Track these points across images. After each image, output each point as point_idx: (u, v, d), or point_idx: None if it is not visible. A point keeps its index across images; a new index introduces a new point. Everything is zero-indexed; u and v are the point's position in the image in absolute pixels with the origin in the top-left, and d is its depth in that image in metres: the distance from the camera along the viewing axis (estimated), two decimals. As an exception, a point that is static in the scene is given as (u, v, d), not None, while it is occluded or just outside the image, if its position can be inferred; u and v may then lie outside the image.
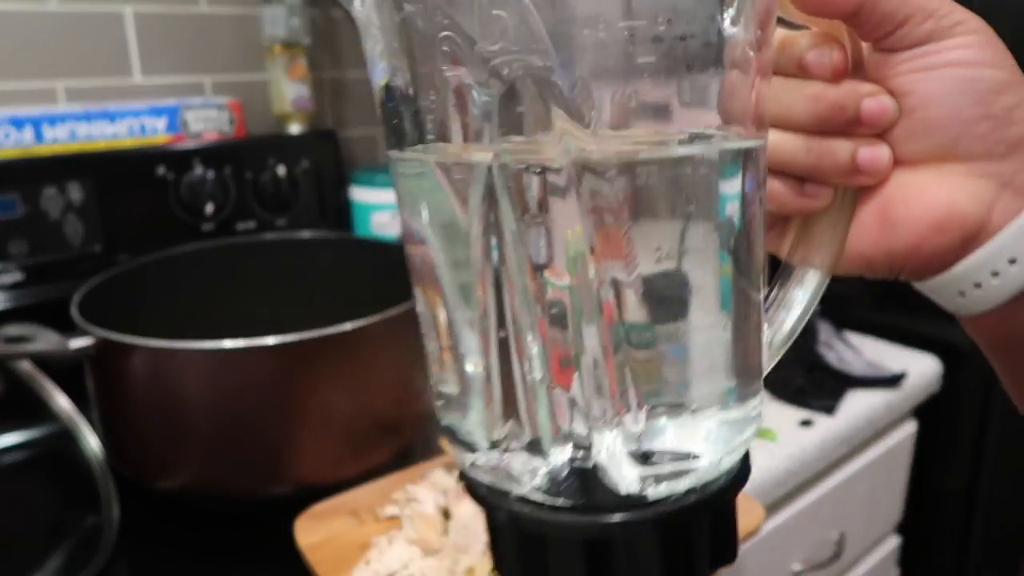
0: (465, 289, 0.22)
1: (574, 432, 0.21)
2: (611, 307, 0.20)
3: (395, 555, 0.53)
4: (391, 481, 0.64)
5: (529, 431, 0.22)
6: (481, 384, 0.22)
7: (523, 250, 0.20)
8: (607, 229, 0.20)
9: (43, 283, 0.80)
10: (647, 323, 0.21)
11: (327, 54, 1.07)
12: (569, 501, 0.21)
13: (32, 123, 0.81)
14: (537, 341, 0.21)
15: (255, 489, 0.62)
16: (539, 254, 0.20)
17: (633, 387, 0.21)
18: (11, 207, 0.77)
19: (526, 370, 0.21)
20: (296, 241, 0.86)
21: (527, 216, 0.20)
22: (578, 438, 0.21)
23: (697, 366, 0.22)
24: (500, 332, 0.22)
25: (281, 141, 0.96)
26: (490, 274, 0.21)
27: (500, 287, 0.21)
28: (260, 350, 0.57)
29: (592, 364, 0.21)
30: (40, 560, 0.59)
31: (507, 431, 0.22)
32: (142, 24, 0.91)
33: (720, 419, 0.23)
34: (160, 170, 0.86)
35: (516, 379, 0.21)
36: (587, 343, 0.21)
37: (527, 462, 0.22)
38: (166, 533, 0.63)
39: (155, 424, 0.60)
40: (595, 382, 0.21)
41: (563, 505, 0.22)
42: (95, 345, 0.59)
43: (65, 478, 0.69)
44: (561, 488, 0.21)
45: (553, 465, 0.22)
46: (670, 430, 0.22)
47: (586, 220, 0.20)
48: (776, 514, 0.76)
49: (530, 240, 0.20)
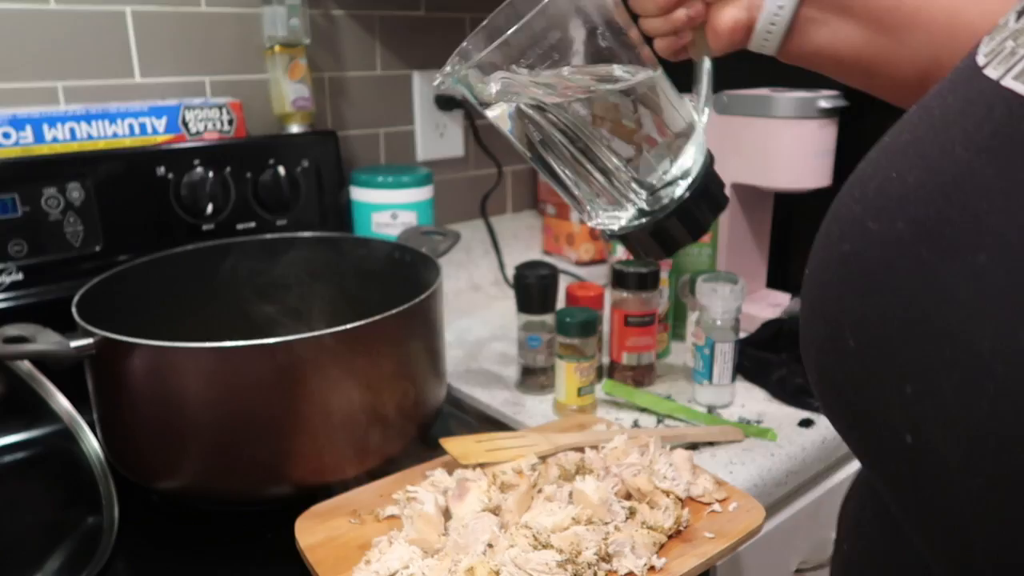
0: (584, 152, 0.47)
1: (644, 184, 0.48)
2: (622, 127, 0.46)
3: (395, 555, 0.53)
4: (391, 481, 0.64)
5: (634, 193, 0.48)
6: (610, 184, 0.48)
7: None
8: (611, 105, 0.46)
9: (43, 283, 0.80)
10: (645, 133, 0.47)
11: (327, 54, 1.07)
12: (655, 214, 0.49)
13: (32, 123, 0.81)
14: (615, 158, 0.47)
15: (255, 489, 0.62)
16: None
17: (655, 162, 0.47)
18: (11, 207, 0.77)
19: (615, 167, 0.47)
20: (296, 241, 0.86)
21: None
22: (648, 187, 0.48)
23: (672, 135, 0.48)
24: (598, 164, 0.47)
25: (281, 141, 0.96)
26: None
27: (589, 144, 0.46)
28: (260, 350, 0.57)
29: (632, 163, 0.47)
30: (40, 560, 0.59)
31: (627, 196, 0.48)
32: (142, 24, 0.91)
33: (689, 151, 0.49)
34: (160, 170, 0.86)
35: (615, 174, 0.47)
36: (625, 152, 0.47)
37: (637, 205, 0.49)
38: (166, 533, 0.63)
39: (155, 424, 0.60)
40: (637, 169, 0.47)
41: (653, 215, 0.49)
42: (95, 345, 0.59)
43: (65, 478, 0.69)
44: (650, 209, 0.49)
45: (641, 205, 0.49)
46: (673, 168, 0.48)
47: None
48: (776, 514, 0.76)
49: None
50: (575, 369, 0.78)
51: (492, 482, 0.60)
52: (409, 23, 1.14)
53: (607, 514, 0.56)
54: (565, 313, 0.79)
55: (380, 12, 1.10)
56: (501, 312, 1.11)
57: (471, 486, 0.59)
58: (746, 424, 0.78)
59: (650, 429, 0.77)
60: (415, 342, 0.67)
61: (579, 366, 0.78)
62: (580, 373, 0.78)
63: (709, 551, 0.56)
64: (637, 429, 0.77)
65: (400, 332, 0.64)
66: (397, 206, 1.00)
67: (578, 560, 0.52)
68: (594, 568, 0.52)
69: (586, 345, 0.78)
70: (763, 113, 0.94)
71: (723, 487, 0.63)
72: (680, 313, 0.98)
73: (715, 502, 0.62)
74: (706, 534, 0.58)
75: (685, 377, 0.90)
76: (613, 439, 0.67)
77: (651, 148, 0.47)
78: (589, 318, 0.78)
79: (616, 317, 0.85)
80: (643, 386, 0.86)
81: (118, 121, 0.86)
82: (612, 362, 0.87)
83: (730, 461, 0.72)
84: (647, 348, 0.86)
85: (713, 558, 0.56)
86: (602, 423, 0.76)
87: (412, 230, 0.88)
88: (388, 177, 1.00)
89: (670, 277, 0.94)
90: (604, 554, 0.53)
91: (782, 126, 0.93)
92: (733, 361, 0.81)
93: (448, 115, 1.19)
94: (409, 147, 1.18)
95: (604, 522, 0.56)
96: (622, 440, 0.67)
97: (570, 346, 0.78)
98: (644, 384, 0.87)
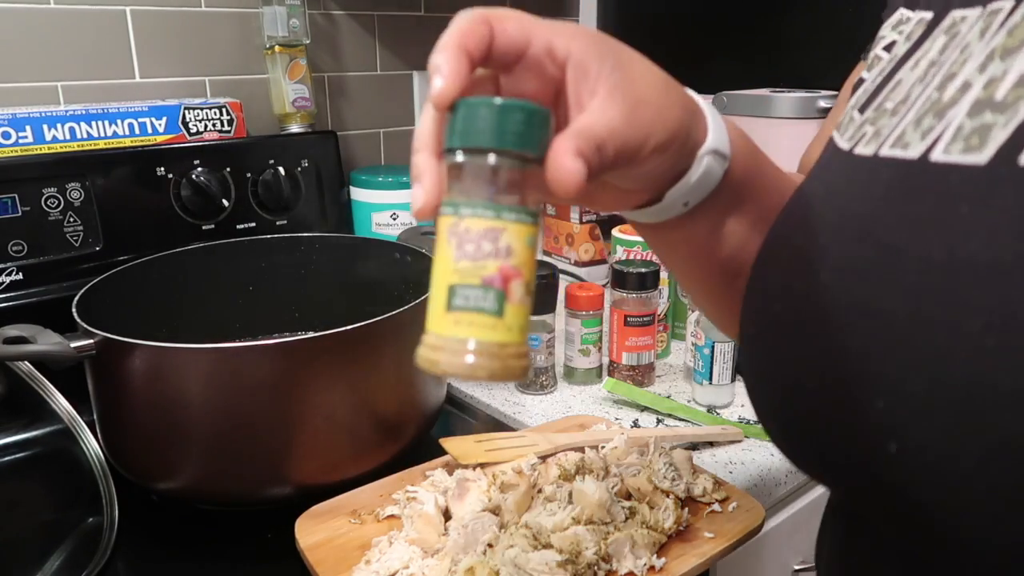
0: None
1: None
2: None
3: (395, 555, 0.53)
4: (391, 481, 0.64)
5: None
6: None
7: None
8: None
9: (43, 283, 0.80)
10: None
11: (327, 54, 1.07)
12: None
13: (32, 123, 0.81)
14: None
15: (255, 489, 0.62)
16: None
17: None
18: (11, 207, 0.77)
19: None
20: (296, 241, 0.86)
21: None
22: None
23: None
24: None
25: (281, 141, 0.96)
26: None
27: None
28: (260, 350, 0.57)
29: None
30: (40, 560, 0.59)
31: None
32: (142, 24, 0.91)
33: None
34: (160, 170, 0.86)
35: None
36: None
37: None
38: (166, 533, 0.63)
39: (155, 425, 0.60)
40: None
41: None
42: (95, 345, 0.59)
43: (65, 478, 0.69)
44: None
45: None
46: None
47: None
48: (776, 514, 0.76)
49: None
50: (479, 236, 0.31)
51: (492, 482, 0.60)
52: (409, 23, 1.14)
53: (607, 514, 0.56)
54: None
55: (380, 12, 1.10)
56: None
57: (471, 486, 0.59)
58: (746, 424, 0.78)
59: (650, 429, 0.77)
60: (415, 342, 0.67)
61: (490, 227, 0.30)
62: (490, 247, 0.31)
63: (709, 551, 0.56)
64: (637, 429, 0.77)
65: (400, 332, 0.64)
66: (397, 206, 1.00)
67: (578, 560, 0.52)
68: (594, 568, 0.52)
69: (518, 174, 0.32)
70: (763, 113, 0.94)
71: (723, 487, 0.63)
72: (680, 313, 0.98)
73: (715, 502, 0.62)
74: (706, 534, 0.58)
75: (685, 377, 0.90)
76: (613, 439, 0.67)
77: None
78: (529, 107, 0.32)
79: (616, 317, 0.85)
80: (643, 386, 0.86)
81: (118, 121, 0.86)
82: (612, 362, 0.87)
83: (730, 461, 0.72)
84: (647, 348, 0.86)
85: (713, 558, 0.57)
86: (602, 423, 0.76)
87: (412, 230, 0.88)
88: (388, 177, 1.00)
89: (670, 277, 0.94)
90: (604, 554, 0.53)
91: (782, 126, 0.93)
92: (733, 361, 0.81)
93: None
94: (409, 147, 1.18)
95: (604, 522, 0.56)
96: (622, 440, 0.67)
97: (476, 169, 0.31)
98: (644, 384, 0.87)
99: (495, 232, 0.30)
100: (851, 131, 0.35)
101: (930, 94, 0.29)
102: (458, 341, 0.30)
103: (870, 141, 0.32)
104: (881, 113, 0.33)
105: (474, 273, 0.30)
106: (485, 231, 0.30)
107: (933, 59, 0.31)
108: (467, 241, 0.30)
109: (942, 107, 0.28)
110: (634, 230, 0.94)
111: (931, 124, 0.28)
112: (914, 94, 0.31)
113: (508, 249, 0.30)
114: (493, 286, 0.30)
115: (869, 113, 0.34)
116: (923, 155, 0.28)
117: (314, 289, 0.83)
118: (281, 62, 0.97)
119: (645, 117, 0.32)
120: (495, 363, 0.30)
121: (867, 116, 0.34)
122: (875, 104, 0.34)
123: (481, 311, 0.30)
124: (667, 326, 0.95)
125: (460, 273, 0.30)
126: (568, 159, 0.29)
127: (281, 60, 0.97)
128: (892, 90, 0.33)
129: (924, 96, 0.30)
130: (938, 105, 0.28)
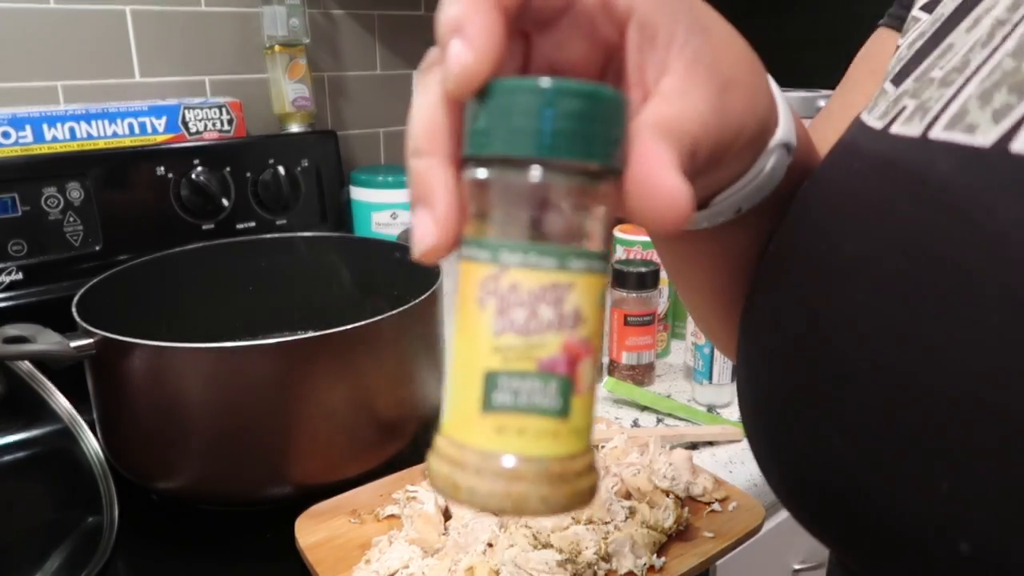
0: None
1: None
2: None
3: (395, 555, 0.53)
4: (391, 481, 0.64)
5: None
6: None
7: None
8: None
9: (43, 283, 0.80)
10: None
11: (327, 54, 1.07)
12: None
13: (32, 123, 0.81)
14: None
15: (255, 489, 0.62)
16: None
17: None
18: (11, 207, 0.77)
19: None
20: (296, 241, 0.86)
21: None
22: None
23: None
24: None
25: (281, 141, 0.96)
26: None
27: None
28: (260, 350, 0.57)
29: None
30: (40, 560, 0.59)
31: None
32: (142, 23, 0.91)
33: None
34: (160, 170, 0.86)
35: None
36: None
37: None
38: (166, 533, 0.63)
39: (155, 424, 0.60)
40: None
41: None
42: (95, 345, 0.59)
43: (65, 478, 0.69)
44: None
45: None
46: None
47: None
48: (776, 514, 0.76)
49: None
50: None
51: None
52: (409, 22, 1.14)
53: (607, 514, 0.56)
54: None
55: (380, 11, 1.10)
56: (501, 312, 1.11)
57: (471, 486, 0.59)
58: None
59: (650, 428, 0.77)
60: (415, 342, 0.67)
61: (552, 282, 0.21)
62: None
63: (709, 551, 0.56)
64: (637, 428, 0.77)
65: (400, 332, 0.64)
66: (397, 206, 1.00)
67: (578, 560, 0.52)
68: (594, 568, 0.52)
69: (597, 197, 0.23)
70: (763, 113, 0.94)
71: (723, 487, 0.63)
72: (680, 312, 0.98)
73: (715, 502, 0.62)
74: (706, 533, 0.58)
75: (685, 376, 0.90)
76: (613, 438, 0.67)
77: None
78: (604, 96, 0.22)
79: (616, 317, 0.85)
80: (643, 386, 0.86)
81: (118, 121, 0.86)
82: (612, 361, 0.87)
83: (730, 461, 0.72)
84: (647, 348, 0.86)
85: (713, 557, 0.57)
86: (601, 422, 0.76)
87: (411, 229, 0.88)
88: (388, 177, 1.00)
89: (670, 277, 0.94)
90: (604, 554, 0.53)
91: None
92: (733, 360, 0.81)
93: (448, 115, 1.19)
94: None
95: (604, 522, 0.56)
96: (622, 439, 0.67)
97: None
98: (644, 384, 0.87)
99: (558, 291, 0.20)
100: (883, 105, 0.27)
101: (1001, 61, 0.22)
102: (501, 459, 0.20)
103: (911, 117, 0.25)
104: (925, 83, 0.25)
105: (527, 355, 0.20)
106: (543, 289, 0.20)
107: (1000, 17, 0.24)
108: (514, 304, 0.20)
109: (1022, 80, 0.21)
110: (637, 230, 0.94)
111: (1007, 102, 0.21)
112: (974, 60, 0.24)
113: (576, 315, 0.20)
114: (556, 373, 0.20)
115: (908, 84, 0.27)
116: (999, 143, 0.21)
117: (314, 289, 0.83)
118: (281, 62, 0.97)
119: (737, 105, 0.24)
120: (559, 490, 0.20)
121: (905, 87, 0.27)
122: (916, 73, 0.27)
123: (539, 412, 0.20)
124: (667, 325, 0.95)
125: (504, 354, 0.20)
126: (669, 175, 0.20)
127: (281, 60, 0.97)
128: (940, 56, 0.26)
129: (992, 64, 0.23)
130: (1016, 77, 0.21)
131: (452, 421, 0.21)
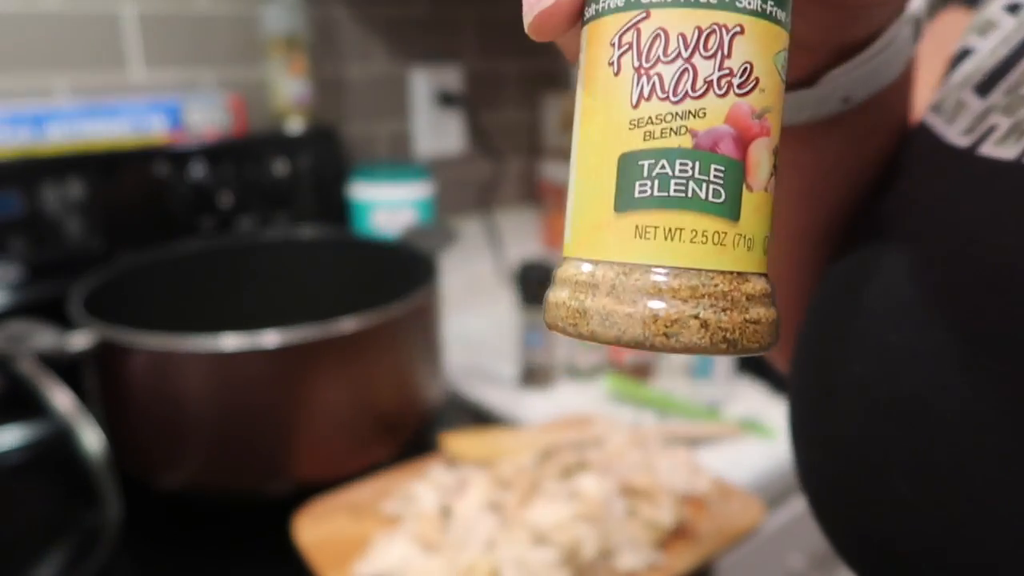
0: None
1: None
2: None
3: (395, 552, 0.53)
4: (391, 478, 0.64)
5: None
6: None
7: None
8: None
9: (43, 281, 0.80)
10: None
11: (327, 51, 1.07)
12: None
13: (32, 121, 0.81)
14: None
15: (255, 486, 0.62)
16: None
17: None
18: (11, 205, 0.77)
19: None
20: (296, 240, 0.86)
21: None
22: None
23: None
24: None
25: (281, 138, 0.96)
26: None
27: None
28: (260, 348, 0.57)
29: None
30: (40, 558, 0.59)
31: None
32: (142, 20, 0.91)
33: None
34: (160, 168, 0.86)
35: None
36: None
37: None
38: (166, 530, 0.63)
39: (155, 422, 0.60)
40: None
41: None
42: (95, 343, 0.59)
43: (65, 476, 0.69)
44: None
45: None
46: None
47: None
48: (776, 512, 0.76)
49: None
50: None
51: (492, 479, 0.60)
52: (409, 20, 1.13)
53: (607, 512, 0.56)
54: None
55: (380, 9, 1.10)
56: (501, 308, 1.11)
57: (471, 483, 0.59)
58: (746, 421, 0.78)
59: (650, 426, 0.77)
60: (414, 340, 0.67)
61: (713, 22, 0.15)
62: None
63: (708, 549, 0.56)
64: (637, 427, 0.77)
65: (399, 330, 0.64)
66: (397, 203, 1.00)
67: (578, 558, 0.52)
68: (594, 566, 0.52)
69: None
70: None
71: (723, 485, 0.64)
72: (680, 310, 0.98)
73: (715, 500, 0.62)
74: (706, 532, 0.58)
75: (685, 375, 0.90)
76: (613, 437, 0.67)
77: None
78: None
79: (616, 315, 0.85)
80: (644, 384, 0.86)
81: (118, 118, 0.86)
82: (613, 360, 0.87)
83: (730, 459, 0.72)
84: (647, 346, 0.86)
85: (712, 555, 0.57)
86: (602, 421, 0.76)
87: (412, 228, 0.88)
88: (388, 175, 1.00)
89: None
90: (604, 551, 0.53)
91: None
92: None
93: (448, 112, 1.19)
94: (409, 144, 1.18)
95: (604, 520, 0.56)
96: (622, 438, 0.67)
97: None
98: (644, 382, 0.87)
99: (721, 36, 0.14)
100: (967, 120, 0.24)
101: None
102: (645, 271, 0.14)
103: (1006, 138, 0.22)
104: (1019, 99, 0.23)
105: (679, 126, 0.14)
106: (700, 34, 0.14)
107: None
108: (661, 59, 0.14)
109: None
110: None
111: None
112: None
113: (746, 73, 0.14)
114: (719, 152, 0.14)
115: (997, 97, 0.24)
116: None
117: (314, 288, 0.83)
118: (281, 59, 0.97)
119: None
120: (725, 316, 0.14)
121: (992, 101, 0.24)
122: (1005, 85, 0.24)
123: (696, 207, 0.14)
124: (667, 324, 0.95)
125: (647, 129, 0.14)
126: None
127: (281, 57, 0.97)
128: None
129: None
130: None
131: (577, 235, 0.16)
